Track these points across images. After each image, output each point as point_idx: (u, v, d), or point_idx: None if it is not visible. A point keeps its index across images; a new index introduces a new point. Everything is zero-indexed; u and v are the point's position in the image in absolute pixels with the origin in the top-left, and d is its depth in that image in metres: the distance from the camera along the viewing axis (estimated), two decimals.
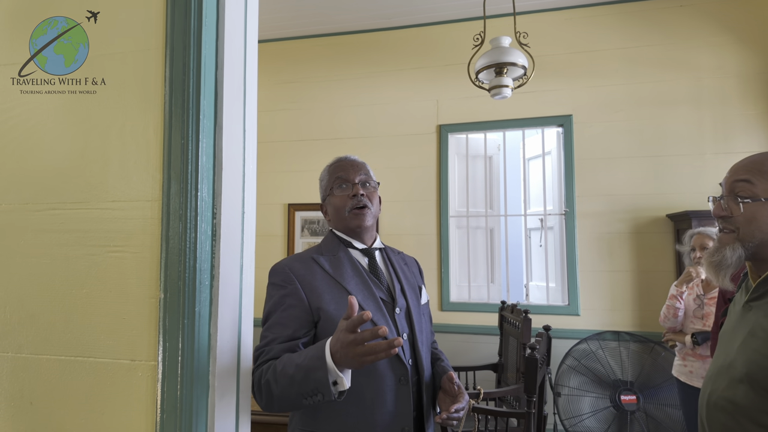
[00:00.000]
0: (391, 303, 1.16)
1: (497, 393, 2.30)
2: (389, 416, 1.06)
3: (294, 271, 1.11)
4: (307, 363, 0.91)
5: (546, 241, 3.44)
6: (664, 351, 2.96)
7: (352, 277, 1.14)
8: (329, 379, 0.88)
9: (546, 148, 3.48)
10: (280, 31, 3.76)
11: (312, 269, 1.13)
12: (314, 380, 0.88)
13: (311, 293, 1.08)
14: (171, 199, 0.80)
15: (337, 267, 1.14)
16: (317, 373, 0.88)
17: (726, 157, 3.07)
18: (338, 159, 1.26)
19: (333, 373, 0.88)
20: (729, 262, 0.96)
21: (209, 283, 0.82)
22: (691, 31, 3.18)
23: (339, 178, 1.20)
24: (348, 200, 1.18)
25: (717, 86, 3.12)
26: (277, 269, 1.13)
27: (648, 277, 3.13)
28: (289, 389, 0.93)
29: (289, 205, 3.73)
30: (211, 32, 0.84)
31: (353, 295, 1.10)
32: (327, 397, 0.89)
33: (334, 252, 1.18)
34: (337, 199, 1.19)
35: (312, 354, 0.91)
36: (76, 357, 0.84)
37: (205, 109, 0.82)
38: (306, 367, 0.90)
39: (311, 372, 0.89)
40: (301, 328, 1.06)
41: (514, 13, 2.62)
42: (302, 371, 0.91)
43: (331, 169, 1.24)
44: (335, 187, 1.20)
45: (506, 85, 2.28)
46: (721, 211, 0.99)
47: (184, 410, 0.77)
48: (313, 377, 0.88)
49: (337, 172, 1.22)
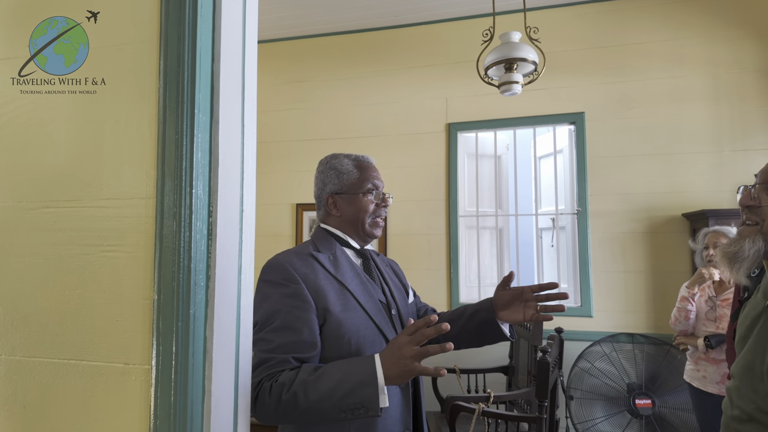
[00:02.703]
0: (387, 305, 1.13)
1: (508, 396, 2.25)
2: (391, 420, 1.03)
3: (296, 269, 1.04)
4: (354, 378, 0.89)
5: (558, 241, 3.37)
6: (679, 354, 2.88)
7: (353, 278, 1.09)
8: (378, 394, 0.87)
9: (558, 146, 3.41)
10: (287, 31, 3.74)
11: (314, 267, 1.07)
12: (362, 395, 0.87)
13: (316, 294, 1.03)
14: (165, 197, 0.77)
15: (338, 266, 1.10)
16: (367, 388, 0.87)
17: (744, 154, 2.98)
18: (367, 158, 1.22)
19: (381, 388, 0.87)
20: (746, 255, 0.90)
21: (205, 284, 0.78)
22: (706, 25, 3.10)
23: (375, 185, 1.17)
24: (376, 208, 1.16)
25: (734, 81, 3.03)
26: (275, 266, 1.06)
27: (663, 278, 3.05)
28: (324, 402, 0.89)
29: (297, 204, 3.71)
30: (207, 22, 0.81)
31: (356, 295, 1.06)
32: (372, 412, 0.87)
33: (331, 250, 1.13)
34: (366, 203, 1.15)
35: (359, 369, 0.89)
36: (69, 360, 0.81)
37: (200, 103, 0.79)
38: (352, 382, 0.88)
39: (359, 387, 0.87)
40: (310, 333, 1.00)
41: (524, 9, 2.57)
42: (347, 385, 0.88)
43: (361, 166, 1.19)
44: (370, 192, 1.16)
45: (516, 81, 2.23)
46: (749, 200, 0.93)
47: (177, 416, 0.74)
48: (361, 392, 0.87)
49: (370, 173, 1.18)
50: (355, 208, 1.15)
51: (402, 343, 0.87)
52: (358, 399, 0.87)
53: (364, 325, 1.04)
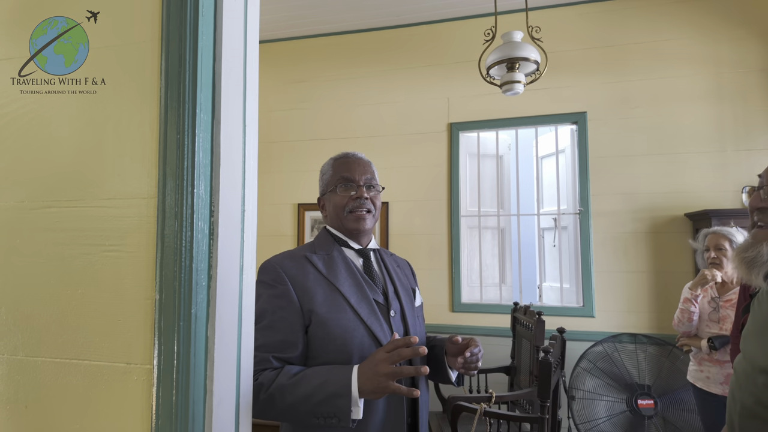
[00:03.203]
0: (385, 305, 1.12)
1: (510, 396, 2.24)
2: (383, 424, 1.02)
3: (285, 270, 1.06)
4: (330, 387, 0.90)
5: (560, 241, 3.36)
6: (682, 354, 2.87)
7: (346, 278, 1.09)
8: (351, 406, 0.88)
9: (560, 146, 3.40)
10: (288, 31, 3.75)
11: (304, 268, 1.08)
12: (335, 405, 0.89)
13: (303, 294, 1.04)
14: (167, 197, 0.77)
15: (331, 267, 1.10)
16: (340, 400, 0.88)
17: (747, 154, 2.97)
18: (345, 154, 1.20)
19: (354, 400, 0.88)
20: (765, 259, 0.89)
21: (206, 283, 0.78)
22: (710, 25, 3.09)
23: (344, 177, 1.15)
24: (350, 201, 1.14)
25: (738, 81, 3.02)
26: (267, 267, 1.08)
27: (666, 278, 3.04)
28: (299, 407, 0.92)
29: (299, 204, 3.71)
30: (209, 22, 0.81)
31: (347, 296, 1.06)
32: (344, 423, 0.89)
33: (328, 251, 1.13)
34: (339, 197, 1.15)
35: (336, 379, 0.91)
36: (71, 359, 0.81)
37: (201, 103, 0.79)
38: (327, 391, 0.90)
39: (333, 397, 0.89)
40: (292, 332, 1.02)
41: (526, 8, 2.57)
42: (322, 393, 0.90)
43: (336, 164, 1.19)
44: (339, 186, 1.15)
45: (518, 81, 2.23)
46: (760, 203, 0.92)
47: (179, 416, 0.74)
48: (335, 402, 0.89)
49: (342, 169, 1.17)
50: (333, 205, 1.16)
51: (378, 360, 0.89)
52: (332, 408, 0.89)
53: (353, 326, 1.04)
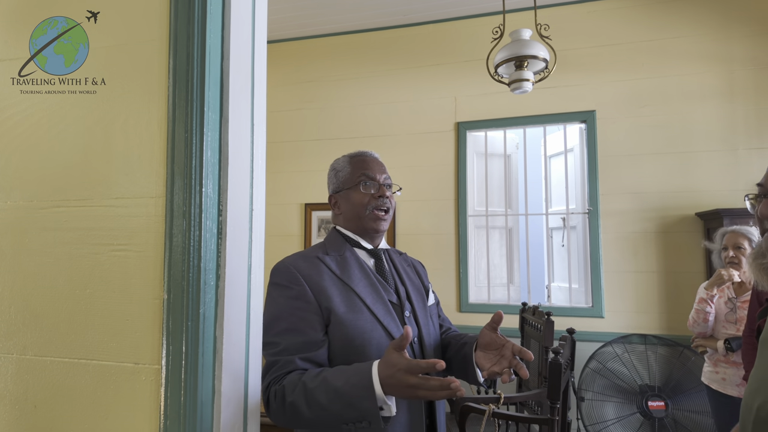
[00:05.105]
0: (399, 305, 1.11)
1: (518, 397, 2.22)
2: (402, 426, 1.01)
3: (300, 271, 1.04)
4: (351, 391, 0.86)
5: (568, 240, 3.34)
6: (693, 356, 2.84)
7: (360, 279, 1.08)
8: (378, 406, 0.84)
9: (568, 144, 3.37)
10: (295, 31, 3.75)
11: (319, 268, 1.06)
12: (361, 409, 0.84)
13: (320, 294, 1.02)
14: (175, 196, 0.77)
15: (344, 268, 1.08)
16: (364, 402, 0.84)
17: (760, 152, 2.92)
18: (362, 153, 1.20)
19: (380, 400, 0.84)
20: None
21: (215, 283, 0.78)
22: (721, 22, 3.04)
23: (365, 175, 1.14)
24: (372, 199, 1.13)
25: (750, 78, 2.97)
26: (280, 268, 1.06)
27: (676, 278, 3.00)
28: (325, 415, 0.87)
29: (306, 204, 3.71)
30: (217, 20, 0.80)
31: (362, 296, 1.05)
32: (375, 425, 0.84)
33: (339, 251, 1.11)
34: (360, 195, 1.13)
35: (356, 381, 0.86)
36: (80, 359, 0.81)
37: (210, 101, 0.78)
38: (350, 395, 0.85)
39: (357, 401, 0.85)
40: (315, 332, 1.00)
41: (534, 6, 2.54)
42: (345, 399, 0.86)
43: (354, 161, 1.17)
44: (360, 183, 1.14)
45: (527, 79, 2.21)
46: None
47: (187, 416, 0.73)
48: (360, 406, 0.84)
49: (362, 167, 1.15)
50: (351, 203, 1.14)
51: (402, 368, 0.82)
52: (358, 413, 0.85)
53: (370, 327, 1.03)
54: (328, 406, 0.87)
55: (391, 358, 0.84)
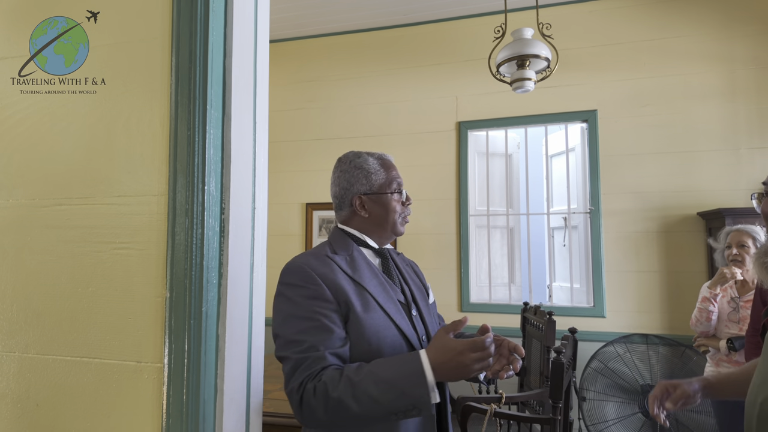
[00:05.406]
0: (407, 305, 1.11)
1: (520, 397, 2.22)
2: (414, 423, 1.01)
3: (314, 270, 1.01)
4: (403, 379, 0.88)
5: (570, 240, 3.33)
6: (695, 355, 2.83)
7: (371, 278, 1.07)
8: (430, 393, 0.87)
9: (570, 144, 3.37)
10: (296, 30, 3.75)
11: (331, 267, 1.04)
12: (413, 397, 0.87)
13: (337, 292, 1.01)
14: (177, 194, 0.76)
15: (355, 267, 1.07)
16: (417, 389, 0.87)
17: (762, 152, 2.92)
18: (389, 157, 1.21)
19: (430, 386, 0.87)
20: None
21: (217, 281, 0.78)
22: (723, 21, 3.04)
23: (398, 183, 1.18)
24: (403, 208, 1.16)
25: (752, 78, 2.97)
26: (293, 269, 1.02)
27: (678, 278, 3.00)
28: (375, 407, 0.88)
29: (307, 204, 3.71)
30: (219, 18, 0.80)
31: (375, 295, 1.04)
32: (425, 411, 0.87)
33: (347, 250, 1.10)
34: (394, 202, 1.15)
35: (407, 370, 0.89)
36: (82, 358, 0.81)
37: (212, 99, 0.78)
38: (402, 384, 0.88)
39: (410, 389, 0.87)
40: (339, 329, 0.98)
41: (536, 5, 2.54)
42: (397, 388, 0.87)
43: (386, 165, 1.18)
44: (395, 191, 1.16)
45: (528, 78, 2.20)
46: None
47: (190, 415, 0.73)
48: (412, 394, 0.87)
49: (395, 174, 1.18)
50: (385, 209, 1.14)
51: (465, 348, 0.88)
52: (409, 401, 0.87)
53: (384, 325, 1.02)
54: (380, 397, 0.87)
55: (447, 343, 0.89)
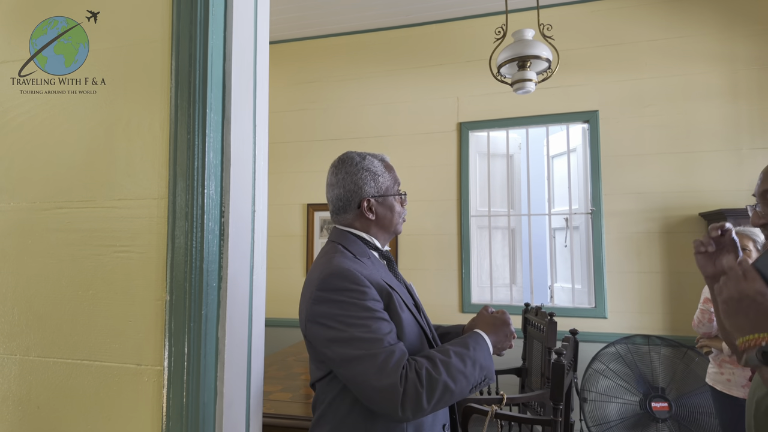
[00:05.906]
0: (415, 305, 1.14)
1: (521, 398, 2.21)
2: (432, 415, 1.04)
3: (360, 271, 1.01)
4: (479, 355, 1.01)
5: (571, 241, 3.33)
6: (697, 356, 2.82)
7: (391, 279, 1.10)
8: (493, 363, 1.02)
9: (571, 145, 3.36)
10: (297, 32, 3.75)
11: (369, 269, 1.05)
12: (487, 369, 1.01)
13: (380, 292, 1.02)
14: (177, 197, 0.77)
15: (377, 269, 1.09)
16: (488, 361, 1.01)
17: (764, 152, 2.91)
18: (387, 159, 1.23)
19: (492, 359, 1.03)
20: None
21: (217, 284, 0.78)
22: (725, 21, 3.03)
23: (399, 185, 1.21)
24: (402, 208, 1.20)
25: (754, 78, 2.96)
26: (340, 272, 0.99)
27: (680, 279, 2.99)
28: (465, 384, 0.97)
29: (308, 205, 3.71)
30: (219, 21, 0.80)
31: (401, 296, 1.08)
32: (490, 381, 1.02)
33: (366, 254, 1.11)
34: (397, 205, 1.18)
35: (478, 346, 1.02)
36: (83, 360, 0.81)
37: (212, 103, 0.78)
38: (479, 359, 1.00)
39: (485, 362, 1.01)
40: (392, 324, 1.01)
41: (537, 6, 2.54)
42: (477, 365, 0.99)
43: (389, 167, 1.21)
44: (398, 194, 1.19)
45: (530, 79, 2.20)
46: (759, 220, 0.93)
47: (190, 418, 0.73)
48: (486, 366, 1.01)
49: (396, 178, 1.21)
50: (390, 211, 1.16)
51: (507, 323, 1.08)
52: (485, 373, 1.00)
53: (412, 322, 1.06)
54: (470, 374, 0.97)
55: (495, 319, 1.09)
